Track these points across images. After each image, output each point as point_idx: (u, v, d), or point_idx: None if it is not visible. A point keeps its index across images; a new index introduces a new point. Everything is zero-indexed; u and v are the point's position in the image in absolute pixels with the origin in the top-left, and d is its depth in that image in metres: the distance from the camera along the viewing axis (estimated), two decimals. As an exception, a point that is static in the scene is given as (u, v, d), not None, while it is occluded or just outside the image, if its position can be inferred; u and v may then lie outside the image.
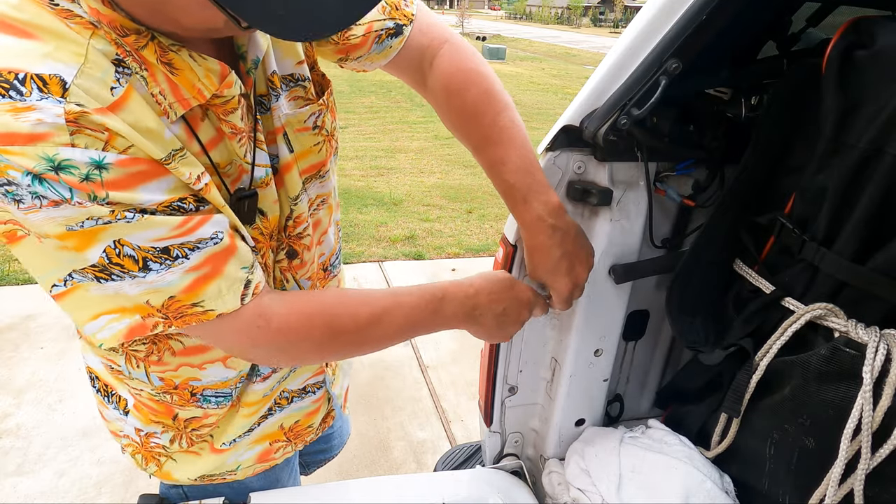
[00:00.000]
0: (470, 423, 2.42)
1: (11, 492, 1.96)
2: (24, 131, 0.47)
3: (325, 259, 0.90)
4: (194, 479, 0.89)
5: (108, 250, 0.54)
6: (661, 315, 1.10)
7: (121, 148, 0.53)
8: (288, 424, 0.93)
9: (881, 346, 0.70)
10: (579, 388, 1.04)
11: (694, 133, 0.91)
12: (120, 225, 0.53)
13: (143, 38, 0.55)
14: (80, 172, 0.50)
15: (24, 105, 0.47)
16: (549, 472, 1.05)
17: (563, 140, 0.87)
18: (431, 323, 0.76)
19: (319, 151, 0.80)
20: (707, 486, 0.89)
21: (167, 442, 0.84)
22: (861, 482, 0.72)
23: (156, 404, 0.81)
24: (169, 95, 0.58)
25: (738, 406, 0.87)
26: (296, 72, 0.75)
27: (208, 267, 0.60)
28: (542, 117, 8.27)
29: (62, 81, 0.49)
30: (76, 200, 0.51)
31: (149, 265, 0.56)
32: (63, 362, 2.61)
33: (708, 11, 0.71)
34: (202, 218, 0.59)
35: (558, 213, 0.80)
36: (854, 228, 0.73)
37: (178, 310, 0.60)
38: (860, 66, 0.71)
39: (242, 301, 0.64)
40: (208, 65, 0.59)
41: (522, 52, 20.23)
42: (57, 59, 0.50)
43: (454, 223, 4.54)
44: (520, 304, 0.81)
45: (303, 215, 0.79)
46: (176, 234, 0.57)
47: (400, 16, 0.80)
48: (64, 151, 0.49)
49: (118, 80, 0.53)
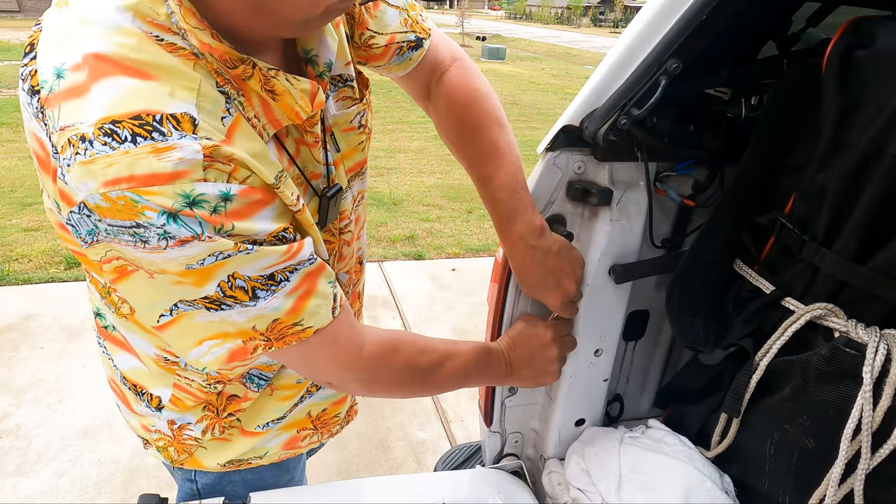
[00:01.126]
0: (470, 423, 2.42)
1: (11, 492, 1.96)
2: (167, 171, 0.48)
3: (361, 253, 0.94)
4: (223, 464, 0.90)
5: (222, 284, 0.55)
6: (661, 315, 1.10)
7: (241, 178, 0.54)
8: (315, 412, 0.94)
9: (881, 346, 0.70)
10: (579, 388, 1.04)
11: (694, 133, 0.91)
12: (240, 257, 0.54)
13: (248, 68, 0.56)
14: (210, 206, 0.51)
15: (166, 145, 0.48)
16: (549, 472, 1.05)
17: (563, 140, 0.87)
18: (480, 377, 0.84)
19: (363, 150, 0.82)
20: (707, 486, 0.89)
21: (199, 433, 0.85)
22: (861, 482, 0.72)
23: (203, 393, 0.82)
24: (262, 117, 0.59)
25: (738, 406, 0.87)
26: (344, 72, 0.75)
27: (305, 287, 0.62)
28: (542, 117, 8.27)
29: (192, 119, 0.50)
30: (206, 235, 0.51)
31: (257, 294, 0.58)
32: (63, 362, 2.61)
33: (708, 11, 0.71)
34: (301, 242, 0.61)
35: (539, 233, 0.83)
36: (854, 228, 0.73)
37: (280, 331, 0.62)
38: (860, 66, 0.71)
39: (333, 314, 0.66)
40: (302, 86, 0.60)
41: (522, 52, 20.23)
42: (178, 97, 0.50)
43: (454, 223, 4.54)
44: (543, 346, 0.87)
45: (346, 211, 0.81)
46: (283, 259, 0.58)
47: (420, 29, 0.83)
48: (199, 187, 0.50)
49: (227, 109, 0.54)
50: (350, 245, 0.86)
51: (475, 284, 3.55)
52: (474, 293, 3.44)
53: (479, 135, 0.84)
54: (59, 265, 3.46)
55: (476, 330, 3.02)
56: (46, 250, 3.60)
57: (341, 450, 2.21)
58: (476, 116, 0.84)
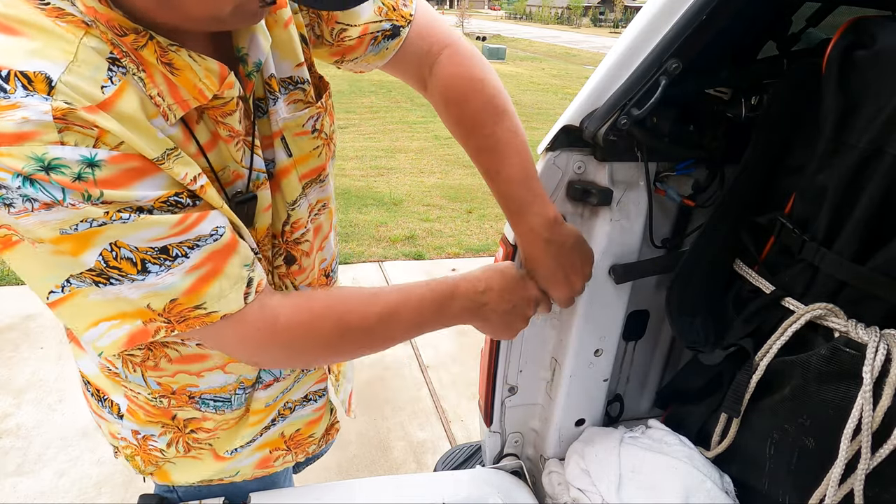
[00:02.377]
0: (470, 423, 2.42)
1: (11, 492, 1.96)
2: (9, 130, 0.46)
3: (326, 265, 0.89)
4: (193, 482, 0.89)
5: (105, 253, 0.52)
6: (661, 315, 1.10)
7: (112, 144, 0.51)
8: (289, 433, 0.92)
9: (881, 346, 0.70)
10: (579, 388, 1.04)
11: (694, 133, 0.91)
12: (116, 226, 0.51)
13: (141, 38, 0.53)
14: (72, 171, 0.48)
15: (9, 103, 0.46)
16: (549, 472, 1.05)
17: (563, 140, 0.87)
18: (439, 321, 0.75)
19: (319, 155, 0.78)
20: (707, 486, 0.89)
21: (164, 446, 0.83)
22: (861, 482, 0.72)
23: (152, 408, 0.80)
24: (168, 97, 0.56)
25: (738, 406, 0.87)
26: (295, 74, 0.73)
27: (209, 265, 0.58)
28: (542, 117, 8.27)
29: (48, 79, 0.47)
30: (69, 202, 0.49)
31: (147, 267, 0.54)
32: (63, 362, 2.61)
33: (708, 11, 0.71)
34: (200, 214, 0.57)
35: (553, 225, 0.80)
36: (854, 228, 0.73)
37: (181, 313, 0.58)
38: (860, 66, 0.71)
39: (246, 300, 0.62)
40: (208, 65, 0.57)
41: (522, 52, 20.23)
42: (43, 56, 0.48)
43: (454, 223, 4.54)
44: (527, 302, 0.81)
45: (301, 220, 0.77)
46: (175, 231, 0.55)
47: (397, 17, 0.78)
48: (53, 150, 0.47)
49: (110, 78, 0.51)
50: (309, 256, 0.81)
51: (475, 284, 3.55)
52: (474, 293, 3.44)
53: (479, 129, 0.80)
54: (59, 265, 3.45)
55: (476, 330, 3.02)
56: (46, 250, 3.59)
57: (341, 450, 2.21)
58: (473, 108, 0.80)
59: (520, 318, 0.81)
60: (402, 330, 0.73)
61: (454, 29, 0.86)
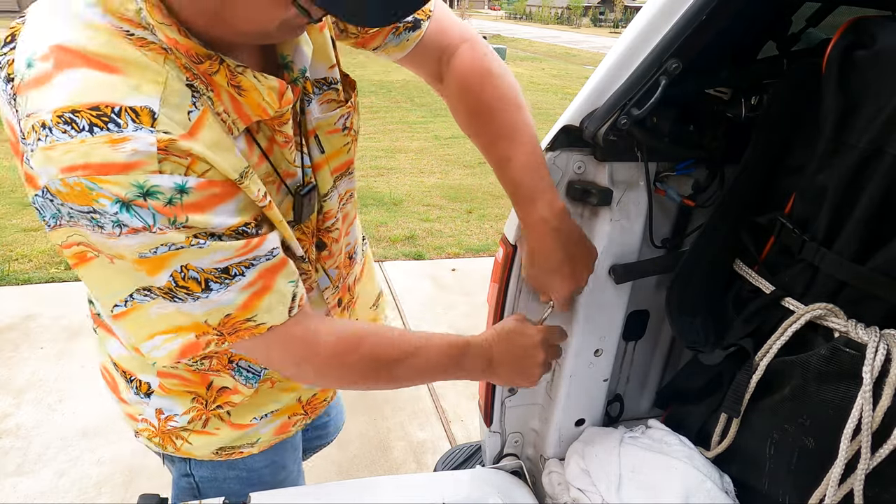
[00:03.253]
0: (470, 423, 2.42)
1: (11, 492, 1.96)
2: (120, 161, 0.50)
3: (350, 248, 0.95)
4: (215, 451, 0.91)
5: (175, 274, 0.57)
6: (661, 315, 1.10)
7: (200, 172, 0.55)
8: (306, 398, 0.97)
9: (881, 346, 0.70)
10: (579, 388, 1.04)
11: (694, 133, 0.91)
12: (192, 251, 0.56)
13: (215, 64, 0.57)
14: (165, 197, 0.52)
15: (121, 136, 0.50)
16: (549, 472, 1.05)
17: (563, 140, 0.87)
18: (451, 372, 0.79)
19: (349, 151, 0.83)
20: (707, 486, 0.89)
21: (185, 423, 0.86)
22: (861, 482, 0.72)
23: (192, 374, 0.82)
24: (232, 113, 0.61)
25: (738, 406, 0.87)
26: (328, 76, 0.77)
27: (261, 283, 0.63)
28: (542, 117, 8.26)
29: (151, 112, 0.52)
30: (158, 227, 0.53)
31: (210, 286, 0.59)
32: (63, 362, 2.61)
33: (708, 11, 0.71)
34: (261, 238, 0.62)
35: (562, 215, 0.80)
36: (854, 228, 0.73)
37: (233, 326, 0.63)
38: (860, 66, 0.71)
39: (290, 313, 0.66)
40: (270, 83, 0.61)
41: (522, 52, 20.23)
42: (143, 91, 0.52)
43: (454, 223, 4.54)
44: (532, 347, 0.82)
45: (332, 210, 0.83)
46: (238, 254, 0.60)
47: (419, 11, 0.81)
48: (153, 178, 0.51)
49: (194, 103, 0.56)
50: (338, 242, 0.87)
51: (475, 285, 3.55)
52: (474, 293, 3.44)
53: (495, 115, 0.82)
54: (59, 265, 3.45)
55: (476, 330, 3.01)
56: (46, 250, 3.60)
57: (341, 450, 2.21)
58: (490, 97, 0.82)
59: (532, 363, 0.83)
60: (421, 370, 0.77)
61: (472, 28, 0.90)
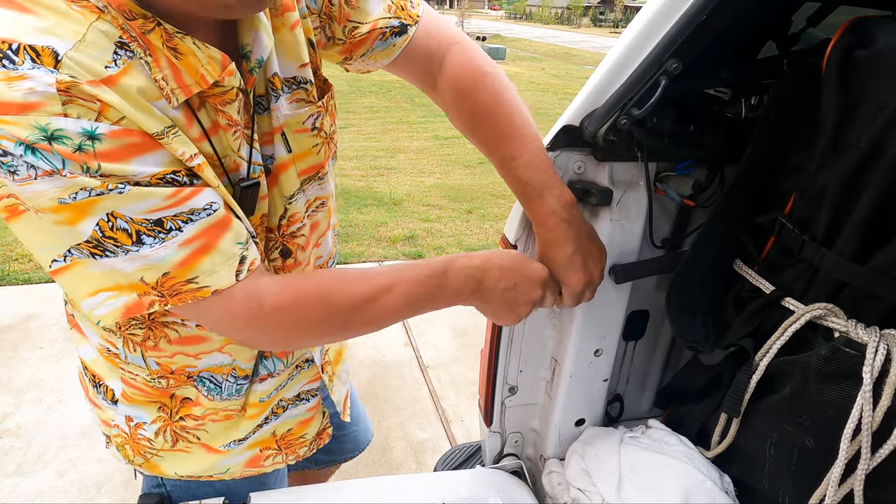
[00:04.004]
0: (470, 423, 2.42)
1: (11, 492, 1.96)
2: (16, 100, 0.48)
3: (322, 262, 0.91)
4: (183, 476, 0.89)
5: (102, 223, 0.55)
6: (661, 315, 1.10)
7: (113, 119, 0.53)
8: (280, 432, 0.93)
9: (881, 346, 0.70)
10: (579, 388, 1.04)
11: (694, 133, 0.91)
12: (112, 196, 0.54)
13: (149, 23, 0.56)
14: (73, 143, 0.51)
15: (16, 74, 0.48)
16: (549, 472, 1.05)
17: (563, 140, 0.87)
18: (436, 299, 0.73)
19: (318, 153, 0.80)
20: (707, 486, 0.89)
21: (152, 435, 0.84)
22: (861, 482, 0.72)
23: (151, 389, 0.81)
24: (171, 82, 0.59)
25: (738, 406, 0.87)
26: (298, 75, 0.75)
27: (202, 240, 0.60)
28: (542, 117, 8.26)
29: (54, 53, 0.50)
30: (67, 171, 0.51)
31: (142, 238, 0.57)
32: (63, 362, 2.61)
33: (708, 11, 0.71)
34: (195, 189, 0.60)
35: (572, 208, 0.80)
36: (854, 228, 0.73)
37: (173, 287, 0.60)
38: (860, 66, 0.71)
39: (237, 277, 0.63)
40: (210, 52, 0.60)
41: (522, 52, 20.23)
42: (53, 33, 0.51)
43: (454, 223, 4.54)
44: (532, 282, 0.77)
45: (297, 214, 0.79)
46: (168, 203, 0.57)
47: (405, 16, 0.82)
48: (56, 121, 0.50)
49: (115, 60, 0.54)
50: (305, 250, 0.83)
51: (475, 284, 3.54)
52: (474, 293, 3.44)
53: (494, 116, 0.81)
54: (59, 265, 3.45)
55: (476, 330, 3.02)
56: (46, 250, 3.59)
57: (341, 450, 2.21)
58: (485, 98, 0.82)
59: (523, 301, 0.77)
60: (393, 310, 0.71)
61: (461, 30, 0.89)
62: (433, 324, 3.07)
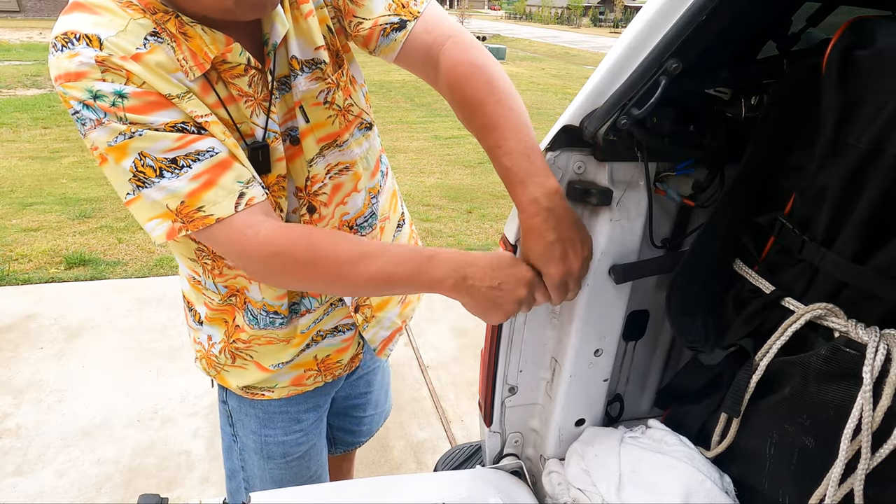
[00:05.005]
0: (470, 423, 2.42)
1: (11, 492, 1.96)
2: (73, 69, 0.71)
3: (349, 218, 1.04)
4: (242, 387, 1.09)
5: (136, 161, 0.74)
6: (661, 315, 1.10)
7: (137, 84, 0.73)
8: (321, 357, 1.12)
9: (881, 346, 0.70)
10: (579, 388, 1.04)
11: (694, 133, 0.91)
12: (137, 138, 0.73)
13: (167, 16, 0.76)
14: (108, 100, 0.71)
15: (74, 52, 0.71)
16: (549, 472, 1.05)
17: (563, 140, 0.87)
18: (415, 280, 0.79)
19: (333, 123, 0.94)
20: (707, 486, 0.89)
21: (217, 352, 1.06)
22: (861, 482, 0.72)
23: (222, 312, 1.03)
24: (189, 60, 0.77)
25: (738, 406, 0.87)
26: (315, 56, 0.89)
27: (207, 176, 0.77)
28: (542, 117, 8.26)
29: (100, 39, 0.71)
30: (107, 120, 0.72)
31: (163, 173, 0.75)
32: (63, 362, 2.61)
33: (708, 11, 0.71)
34: (199, 135, 0.77)
35: (555, 196, 0.79)
36: (854, 228, 0.73)
37: (188, 214, 0.77)
38: (860, 66, 0.71)
39: (236, 209, 0.78)
40: (215, 36, 0.78)
41: (522, 52, 20.22)
42: (102, 26, 0.72)
43: (454, 223, 4.54)
44: (517, 281, 0.79)
45: (318, 175, 0.95)
46: (178, 145, 0.75)
47: (406, 13, 0.89)
48: (97, 84, 0.71)
49: (144, 44, 0.74)
50: (328, 206, 0.98)
51: (475, 284, 3.54)
52: (474, 293, 3.43)
53: (481, 107, 0.84)
54: (59, 265, 3.46)
55: (476, 330, 3.02)
56: (46, 250, 3.60)
57: (341, 450, 2.21)
58: (475, 88, 0.84)
59: (509, 299, 0.79)
60: (372, 275, 0.78)
61: (461, 26, 0.92)
62: (433, 324, 3.07)
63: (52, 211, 4.24)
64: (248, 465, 1.19)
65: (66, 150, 5.77)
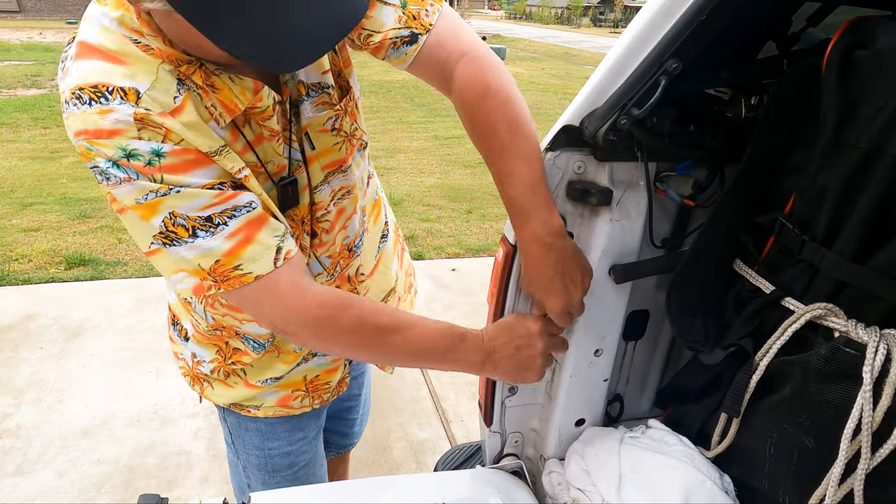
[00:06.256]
0: (470, 423, 2.42)
1: (11, 492, 1.96)
2: (106, 128, 0.65)
3: (349, 241, 1.03)
4: (227, 404, 1.08)
5: (166, 220, 0.69)
6: (661, 315, 1.09)
7: (175, 141, 0.68)
8: (310, 377, 1.09)
9: (881, 346, 0.70)
10: (579, 388, 1.04)
11: (694, 133, 0.91)
12: (171, 196, 0.68)
13: (192, 67, 0.71)
14: (144, 159, 0.66)
15: (108, 108, 0.65)
16: (549, 472, 1.05)
17: (563, 140, 0.87)
18: (448, 356, 0.83)
19: (339, 150, 0.92)
20: (707, 486, 0.89)
21: (209, 371, 1.04)
22: (861, 482, 0.72)
23: (208, 337, 1.01)
24: (219, 107, 0.74)
25: (738, 406, 0.87)
26: (322, 81, 0.86)
27: (244, 233, 0.73)
28: (542, 117, 8.26)
29: (137, 92, 0.66)
30: (140, 179, 0.67)
31: (196, 232, 0.71)
32: (63, 362, 2.61)
33: (708, 11, 0.71)
34: (238, 191, 0.73)
35: (556, 233, 0.81)
36: (854, 228, 0.73)
37: (223, 273, 0.73)
38: (860, 66, 0.71)
39: (275, 265, 0.75)
40: (244, 83, 0.74)
41: (522, 52, 20.22)
42: (136, 78, 0.67)
43: (454, 223, 4.54)
44: (530, 337, 0.84)
45: (323, 202, 0.93)
46: (216, 201, 0.71)
47: (417, 25, 0.84)
48: (133, 143, 0.66)
49: (179, 91, 0.70)
50: (330, 232, 0.96)
51: (475, 284, 3.55)
52: (474, 293, 3.44)
53: (492, 133, 0.82)
54: (59, 265, 3.46)
55: (476, 330, 3.02)
56: (46, 250, 3.60)
57: (341, 450, 2.21)
58: (483, 116, 0.83)
59: (531, 357, 0.85)
60: (409, 347, 0.81)
61: (477, 38, 0.88)
62: (433, 324, 3.07)
63: (52, 211, 4.24)
64: (253, 483, 1.17)
65: (66, 150, 5.77)
